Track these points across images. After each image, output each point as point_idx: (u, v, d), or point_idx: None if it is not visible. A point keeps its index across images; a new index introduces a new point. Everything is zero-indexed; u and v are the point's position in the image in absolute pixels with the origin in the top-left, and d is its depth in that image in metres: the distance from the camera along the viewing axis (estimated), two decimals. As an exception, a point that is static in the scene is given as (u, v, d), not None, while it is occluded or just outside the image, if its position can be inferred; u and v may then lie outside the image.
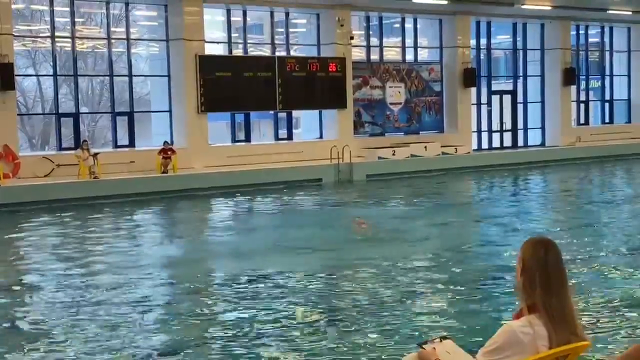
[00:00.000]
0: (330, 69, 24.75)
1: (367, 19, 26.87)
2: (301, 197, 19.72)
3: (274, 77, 23.70)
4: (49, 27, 22.02)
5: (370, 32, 27.06)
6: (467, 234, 13.79)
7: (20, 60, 27.30)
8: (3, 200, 17.64)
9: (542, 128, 30.92)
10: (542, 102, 30.83)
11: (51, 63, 22.96)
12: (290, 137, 25.49)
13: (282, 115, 25.43)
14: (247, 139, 24.69)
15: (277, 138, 25.36)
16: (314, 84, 24.47)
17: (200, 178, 20.81)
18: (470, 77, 27.68)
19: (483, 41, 29.59)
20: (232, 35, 24.47)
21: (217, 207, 18.69)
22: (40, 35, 25.65)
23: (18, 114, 23.38)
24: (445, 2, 25.08)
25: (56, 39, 22.10)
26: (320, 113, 25.62)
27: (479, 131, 29.37)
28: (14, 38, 20.67)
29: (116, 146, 22.59)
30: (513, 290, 7.74)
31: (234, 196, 19.60)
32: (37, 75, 31.44)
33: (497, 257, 11.06)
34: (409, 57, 27.81)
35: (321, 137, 25.56)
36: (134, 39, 24.00)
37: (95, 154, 20.06)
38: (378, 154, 24.56)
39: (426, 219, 15.33)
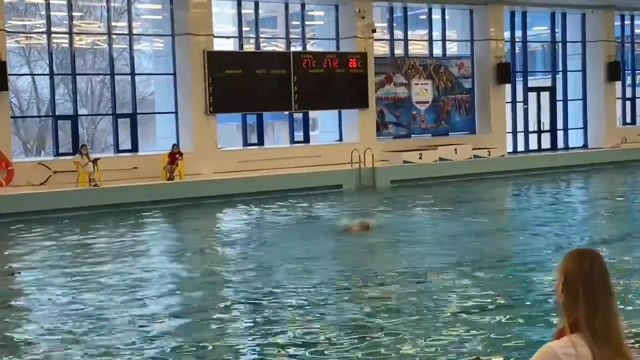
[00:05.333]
0: (350, 65, 24.76)
1: (391, 10, 26.87)
2: (319, 205, 19.72)
3: (289, 74, 23.74)
4: (44, 22, 22.18)
5: (394, 25, 27.06)
6: (501, 245, 13.75)
7: (14, 58, 27.56)
8: (-4, 210, 17.76)
9: (584, 128, 30.76)
10: (584, 99, 30.67)
11: (47, 61, 23.13)
12: (307, 139, 25.51)
13: (298, 116, 25.46)
14: (260, 142, 24.74)
15: (292, 141, 25.39)
16: (332, 82, 24.48)
17: (209, 185, 20.86)
18: (504, 73, 27.59)
19: (518, 33, 29.50)
20: (243, 29, 24.55)
21: (228, 217, 18.73)
22: (35, 30, 25.83)
23: (11, 117, 23.58)
24: (476, -9, 25.10)
25: (52, 35, 22.25)
26: (339, 113, 25.63)
27: (515, 132, 29.26)
28: (7, 34, 20.84)
29: (118, 151, 22.71)
30: (553, 307, 7.71)
31: (245, 205, 19.62)
32: (32, 75, 31.69)
33: (535, 271, 11.02)
34: (437, 51, 27.77)
35: (341, 139, 25.56)
36: (137, 34, 24.13)
37: (95, 160, 20.17)
38: (403, 157, 24.53)
39: (456, 228, 15.29)
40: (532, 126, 29.69)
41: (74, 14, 22.27)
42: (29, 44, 28.31)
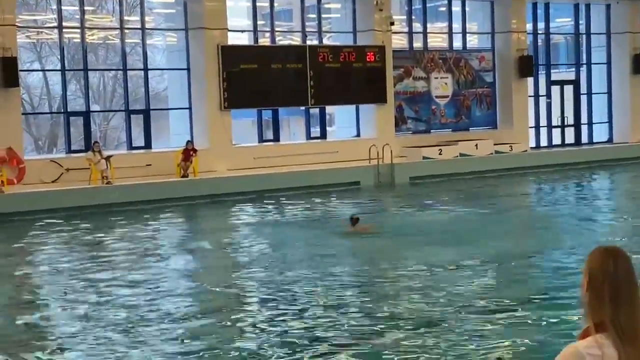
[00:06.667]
0: (368, 59, 24.73)
1: (410, 1, 26.80)
2: (336, 203, 19.73)
3: (305, 68, 23.75)
4: (55, 16, 22.31)
5: (413, 17, 27.00)
6: (523, 243, 13.71)
7: (25, 53, 27.69)
8: (7, 209, 17.83)
9: (609, 122, 30.61)
10: (609, 93, 30.51)
11: (59, 56, 23.27)
12: (323, 135, 25.52)
13: (315, 111, 25.47)
14: (276, 138, 24.77)
15: (309, 137, 25.40)
16: (349, 76, 24.47)
17: (223, 182, 20.93)
18: (526, 66, 27.49)
19: (541, 25, 29.37)
20: (258, 22, 24.58)
21: (242, 214, 18.76)
22: (47, 25, 25.99)
23: (23, 114, 23.67)
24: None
25: (64, 30, 22.37)
26: (357, 108, 25.62)
27: (537, 127, 29.15)
28: (18, 29, 20.96)
29: (131, 148, 22.80)
30: (578, 306, 7.71)
31: (261, 202, 19.65)
32: (43, 70, 31.86)
33: (559, 269, 11.01)
34: (457, 44, 27.70)
35: (358, 135, 25.56)
36: (150, 29, 24.22)
37: (108, 157, 20.26)
38: (423, 153, 24.50)
39: (477, 226, 15.26)
40: (556, 120, 29.55)
41: (85, 8, 22.34)
42: (40, 39, 28.47)
